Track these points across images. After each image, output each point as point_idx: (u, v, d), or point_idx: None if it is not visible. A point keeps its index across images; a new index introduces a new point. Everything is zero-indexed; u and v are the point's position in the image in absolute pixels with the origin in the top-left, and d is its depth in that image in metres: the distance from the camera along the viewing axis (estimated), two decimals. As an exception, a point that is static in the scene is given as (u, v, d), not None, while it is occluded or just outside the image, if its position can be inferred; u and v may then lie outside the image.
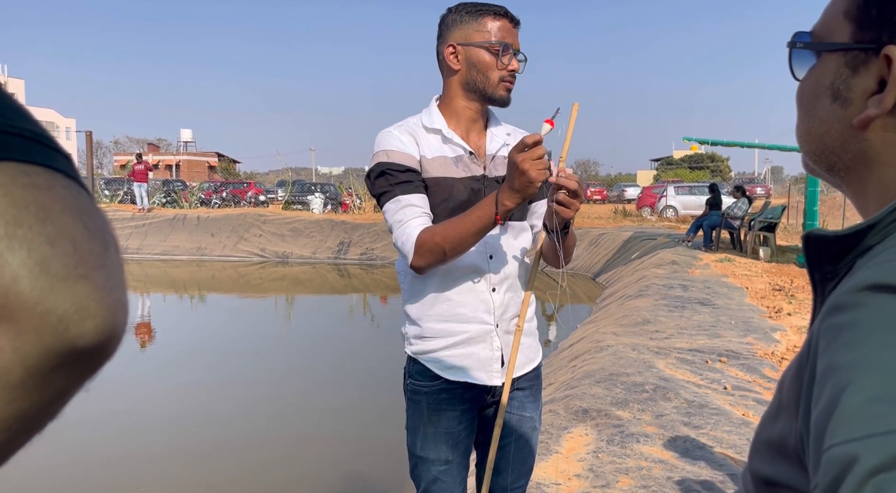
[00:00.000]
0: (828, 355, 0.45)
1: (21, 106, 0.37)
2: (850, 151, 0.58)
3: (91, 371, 0.36)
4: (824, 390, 0.43)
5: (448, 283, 1.70)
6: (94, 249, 0.35)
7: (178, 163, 54.44)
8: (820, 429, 0.42)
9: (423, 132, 1.70)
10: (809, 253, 0.57)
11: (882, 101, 0.54)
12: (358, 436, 5.11)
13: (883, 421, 0.38)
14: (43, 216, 0.33)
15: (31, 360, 0.32)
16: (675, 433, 3.53)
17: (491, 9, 1.65)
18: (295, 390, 6.45)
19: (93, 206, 0.37)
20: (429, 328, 1.73)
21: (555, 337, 7.95)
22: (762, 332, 6.03)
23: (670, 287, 8.36)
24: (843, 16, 0.59)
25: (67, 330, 0.33)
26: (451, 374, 1.73)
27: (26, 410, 0.34)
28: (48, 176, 0.35)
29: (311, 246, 17.76)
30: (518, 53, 1.67)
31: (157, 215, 18.92)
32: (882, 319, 0.42)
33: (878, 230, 0.52)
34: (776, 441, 0.55)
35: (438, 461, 1.75)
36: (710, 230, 12.50)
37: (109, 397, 5.64)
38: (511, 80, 1.67)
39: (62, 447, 4.56)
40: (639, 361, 5.00)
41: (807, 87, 0.63)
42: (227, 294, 13.26)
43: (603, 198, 36.98)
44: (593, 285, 12.86)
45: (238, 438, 5.10)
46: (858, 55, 0.57)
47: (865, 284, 0.45)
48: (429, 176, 1.66)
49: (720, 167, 50.75)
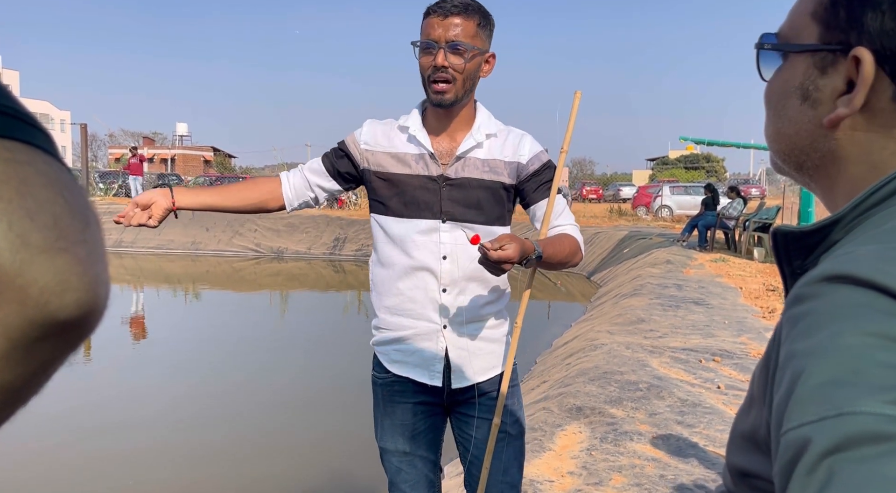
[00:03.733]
0: (787, 344, 0.46)
1: (2, 84, 0.37)
2: (819, 150, 0.60)
3: (73, 345, 0.37)
4: (784, 377, 0.45)
5: (402, 277, 1.72)
6: (75, 223, 0.35)
7: (173, 157, 54.29)
8: (779, 414, 0.44)
9: (395, 129, 1.75)
10: (778, 249, 0.58)
11: (852, 100, 0.55)
12: (348, 432, 5.11)
13: (834, 404, 0.39)
14: (24, 191, 0.33)
15: (14, 332, 0.33)
16: (668, 432, 3.54)
17: (427, 9, 1.62)
18: (286, 385, 6.44)
19: (73, 182, 0.37)
20: (383, 320, 1.77)
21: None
22: (756, 332, 6.05)
23: (665, 287, 8.38)
24: (809, 17, 0.60)
25: (49, 302, 0.33)
26: (395, 368, 1.77)
27: (10, 382, 0.34)
28: (29, 152, 0.35)
29: (306, 242, 17.74)
30: (453, 44, 1.57)
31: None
32: (835, 307, 0.44)
33: (843, 226, 0.53)
34: (749, 433, 0.56)
35: (396, 451, 1.78)
36: (705, 230, 12.53)
37: (90, 392, 5.62)
38: (439, 78, 1.59)
39: (35, 441, 4.55)
40: (633, 359, 5.01)
41: (775, 87, 0.64)
42: (222, 290, 13.23)
43: (598, 197, 37.06)
44: (588, 283, 12.88)
45: (226, 435, 5.09)
46: (827, 56, 0.58)
47: (822, 275, 0.47)
48: (380, 169, 1.73)
49: (716, 168, 50.87)
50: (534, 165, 1.74)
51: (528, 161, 1.74)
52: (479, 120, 1.74)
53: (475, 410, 1.75)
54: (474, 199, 1.70)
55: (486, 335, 1.75)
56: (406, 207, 1.70)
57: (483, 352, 1.75)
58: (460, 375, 1.74)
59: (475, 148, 1.71)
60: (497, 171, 1.71)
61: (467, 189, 1.69)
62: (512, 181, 1.74)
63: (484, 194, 1.70)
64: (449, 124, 1.71)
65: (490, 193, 1.71)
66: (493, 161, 1.72)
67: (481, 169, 1.70)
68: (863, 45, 0.54)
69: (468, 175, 1.69)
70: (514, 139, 1.75)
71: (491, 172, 1.71)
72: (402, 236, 1.71)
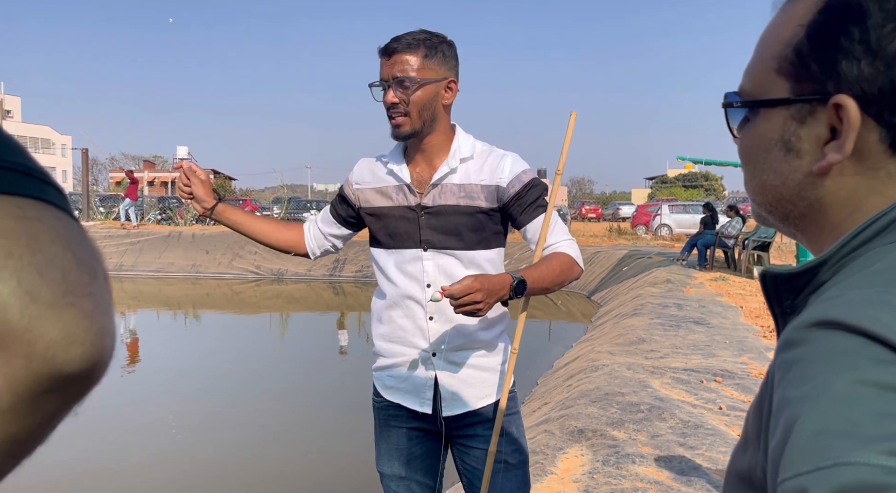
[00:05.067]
0: (781, 389, 0.47)
1: (15, 141, 0.38)
2: (806, 199, 0.60)
3: (78, 396, 0.37)
4: (778, 424, 0.45)
5: (392, 306, 1.77)
6: (83, 277, 0.36)
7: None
8: (775, 462, 0.44)
9: (379, 164, 1.82)
10: (767, 290, 0.59)
11: (842, 147, 0.56)
12: (347, 455, 5.07)
13: (829, 454, 0.39)
14: (33, 247, 0.34)
15: (21, 385, 0.33)
16: (670, 454, 3.52)
17: (378, 50, 1.69)
18: (287, 409, 6.40)
19: (83, 236, 0.38)
20: (379, 346, 1.83)
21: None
22: (757, 351, 6.03)
23: (665, 306, 8.37)
24: (774, 73, 0.60)
25: (55, 356, 0.34)
26: (388, 394, 1.80)
27: (16, 434, 0.35)
28: (39, 208, 0.36)
29: (306, 263, 17.72)
30: (398, 80, 1.63)
31: (151, 232, 18.87)
32: (825, 355, 0.44)
33: (830, 267, 0.54)
34: (745, 473, 0.56)
35: (393, 476, 1.80)
36: (705, 249, 12.54)
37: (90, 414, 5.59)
38: (393, 113, 1.67)
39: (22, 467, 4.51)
40: (634, 380, 4.99)
41: (751, 142, 0.64)
42: (222, 312, 13.20)
43: (598, 216, 37.10)
44: (588, 303, 12.85)
45: (222, 459, 5.05)
46: (803, 107, 0.58)
47: (811, 321, 0.47)
48: (368, 205, 1.81)
49: (714, 186, 51.02)
50: (514, 187, 1.70)
51: (508, 184, 1.70)
52: (456, 145, 1.74)
53: (473, 439, 1.75)
54: (452, 225, 1.70)
55: (478, 363, 1.75)
56: (391, 239, 1.76)
57: (476, 380, 1.74)
58: (451, 402, 1.73)
59: (450, 174, 1.72)
60: (473, 196, 1.70)
61: (445, 216, 1.70)
62: (492, 205, 1.71)
63: (462, 220, 1.70)
64: (425, 153, 1.74)
65: (468, 219, 1.70)
66: (469, 186, 1.71)
67: (457, 195, 1.71)
68: (842, 92, 0.55)
69: (445, 202, 1.71)
70: (494, 161, 1.72)
71: (467, 198, 1.70)
72: (390, 266, 1.77)
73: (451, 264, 1.71)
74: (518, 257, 14.89)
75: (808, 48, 0.57)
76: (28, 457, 0.37)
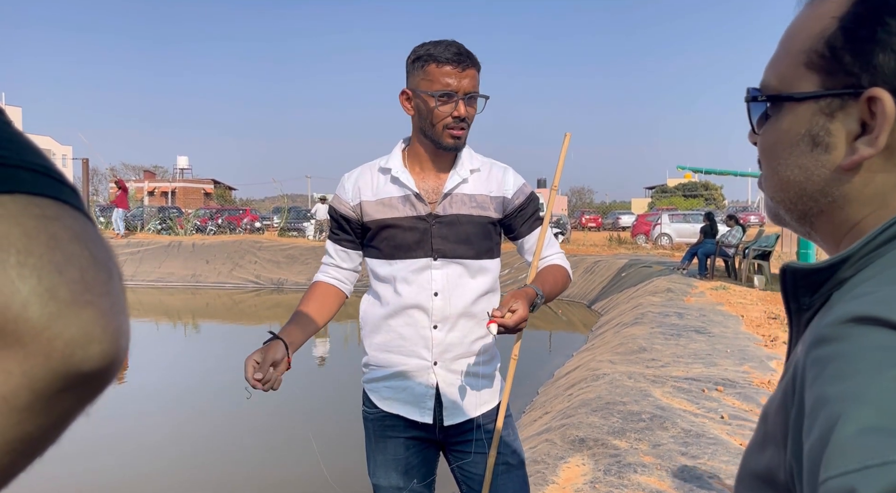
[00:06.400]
0: (817, 387, 0.45)
1: (31, 142, 0.39)
2: (829, 195, 0.59)
3: (94, 395, 0.37)
4: (816, 422, 0.44)
5: (393, 315, 1.74)
6: (100, 276, 0.36)
7: (173, 190, 54.52)
8: (814, 462, 0.42)
9: (377, 173, 1.78)
10: (786, 285, 0.58)
11: (876, 141, 0.55)
12: (345, 466, 5.04)
13: (878, 452, 0.38)
14: (52, 245, 0.34)
15: (39, 383, 0.34)
16: (672, 463, 3.50)
17: (435, 56, 1.63)
18: (287, 419, 6.38)
19: (98, 236, 0.38)
20: (373, 357, 1.79)
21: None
22: (758, 360, 6.01)
23: (666, 315, 8.35)
24: (803, 67, 0.59)
25: (74, 354, 0.34)
26: (386, 405, 1.76)
27: (31, 432, 0.35)
28: (57, 207, 0.36)
29: (306, 273, 17.71)
30: (470, 95, 1.65)
31: (151, 242, 18.88)
32: (867, 350, 0.43)
33: (852, 263, 0.53)
34: (763, 473, 0.55)
35: (390, 487, 1.77)
36: (705, 258, 12.53)
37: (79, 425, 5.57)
38: (457, 126, 1.66)
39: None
40: (635, 389, 4.97)
41: (775, 137, 0.63)
42: (221, 322, 13.18)
43: (598, 225, 37.11)
44: (588, 312, 12.84)
45: (218, 471, 5.03)
46: (833, 101, 0.57)
47: (848, 316, 0.46)
48: (370, 219, 1.76)
49: (714, 195, 51.07)
50: (518, 198, 1.79)
51: (513, 195, 1.79)
52: (463, 156, 1.76)
53: (471, 446, 1.75)
54: (464, 234, 1.72)
55: (477, 371, 1.75)
56: (397, 250, 1.73)
57: (475, 387, 1.75)
58: (452, 411, 1.74)
59: (461, 184, 1.74)
60: (484, 206, 1.75)
61: (457, 225, 1.72)
62: (499, 216, 1.78)
63: (473, 229, 1.73)
64: (436, 163, 1.74)
65: (479, 228, 1.74)
66: (481, 197, 1.75)
67: (469, 205, 1.73)
68: (877, 86, 0.54)
69: (457, 212, 1.72)
70: (498, 173, 1.80)
71: (479, 208, 1.74)
72: (393, 276, 1.73)
73: (459, 272, 1.72)
74: (518, 266, 14.89)
75: (843, 41, 0.56)
76: (40, 456, 0.37)
